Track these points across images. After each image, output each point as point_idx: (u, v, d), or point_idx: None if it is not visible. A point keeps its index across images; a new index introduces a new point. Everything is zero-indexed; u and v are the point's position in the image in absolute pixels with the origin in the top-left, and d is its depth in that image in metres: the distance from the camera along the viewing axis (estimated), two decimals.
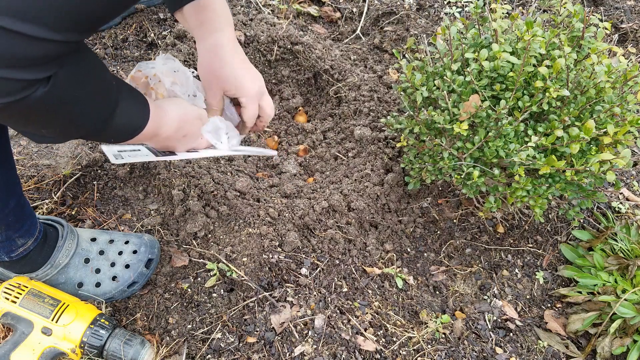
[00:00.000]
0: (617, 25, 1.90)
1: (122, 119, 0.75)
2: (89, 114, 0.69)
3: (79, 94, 0.65)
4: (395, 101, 1.59)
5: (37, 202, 1.28)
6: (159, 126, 0.84)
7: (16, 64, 0.52)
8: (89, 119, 0.69)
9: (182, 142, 0.95)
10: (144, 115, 0.80)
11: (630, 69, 1.05)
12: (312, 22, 1.94)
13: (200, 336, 1.11)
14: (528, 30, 1.03)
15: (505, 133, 1.05)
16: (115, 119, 0.73)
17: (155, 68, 0.96)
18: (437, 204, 1.41)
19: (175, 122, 0.88)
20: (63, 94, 0.62)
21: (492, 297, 1.28)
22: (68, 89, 0.62)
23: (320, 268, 1.24)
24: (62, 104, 0.63)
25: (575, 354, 1.18)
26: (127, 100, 0.76)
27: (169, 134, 0.88)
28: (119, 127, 0.75)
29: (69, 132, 0.71)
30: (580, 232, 1.39)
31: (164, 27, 1.75)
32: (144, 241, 1.18)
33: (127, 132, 0.78)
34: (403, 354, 1.13)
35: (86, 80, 0.66)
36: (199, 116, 0.96)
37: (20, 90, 0.55)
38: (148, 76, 0.95)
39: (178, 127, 0.89)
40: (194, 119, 0.94)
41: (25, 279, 1.07)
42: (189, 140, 0.95)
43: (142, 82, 0.96)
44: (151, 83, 0.95)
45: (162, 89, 0.96)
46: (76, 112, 0.66)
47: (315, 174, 1.52)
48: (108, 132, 0.74)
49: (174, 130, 0.89)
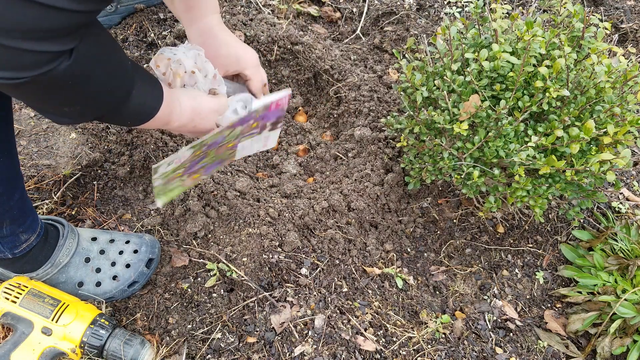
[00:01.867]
0: (617, 25, 1.90)
1: (139, 100, 0.76)
2: (109, 91, 0.70)
3: (99, 69, 0.66)
4: (395, 101, 1.59)
5: (37, 202, 1.28)
6: (170, 112, 0.85)
7: (40, 35, 0.53)
8: (109, 96, 0.71)
9: (193, 133, 0.95)
10: (158, 98, 0.81)
11: (630, 69, 1.05)
12: (312, 22, 1.94)
13: (200, 336, 1.11)
14: (528, 30, 1.03)
15: (505, 133, 1.05)
16: (132, 99, 0.74)
17: (177, 54, 0.96)
18: (437, 204, 1.41)
19: (188, 113, 0.89)
20: (85, 68, 0.63)
21: (492, 297, 1.28)
22: (89, 63, 0.63)
23: (320, 268, 1.24)
24: (84, 78, 0.63)
25: (575, 354, 1.18)
26: (143, 82, 0.77)
27: (180, 123, 0.89)
28: (136, 108, 0.76)
29: (90, 109, 0.71)
30: (580, 232, 1.39)
31: (164, 27, 1.75)
32: (145, 241, 1.18)
33: (142, 114, 0.79)
34: (403, 354, 1.13)
35: (105, 56, 0.67)
36: (216, 109, 0.95)
37: (45, 62, 0.56)
38: (170, 58, 0.95)
39: (190, 119, 0.90)
40: (209, 112, 0.94)
41: (25, 279, 1.07)
42: (199, 132, 0.96)
43: (164, 63, 0.95)
44: (172, 66, 0.95)
45: (180, 70, 0.95)
46: (97, 88, 0.68)
47: (315, 174, 1.52)
48: (125, 111, 0.75)
49: (185, 121, 0.89)
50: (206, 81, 0.98)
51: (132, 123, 0.80)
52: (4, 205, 0.93)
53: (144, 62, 1.71)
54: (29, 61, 0.55)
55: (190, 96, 0.91)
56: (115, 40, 0.72)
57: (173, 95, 0.86)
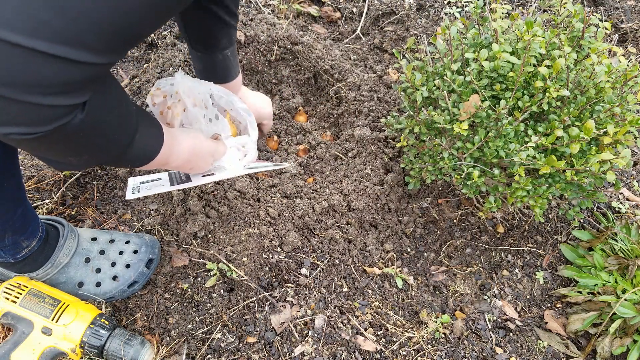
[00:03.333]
0: (617, 25, 1.90)
1: (141, 144, 0.75)
2: (116, 139, 0.69)
3: (108, 118, 0.64)
4: (395, 101, 1.59)
5: (37, 202, 1.28)
6: (170, 154, 0.84)
7: (59, 90, 0.52)
8: (115, 144, 0.69)
9: (189, 171, 0.96)
10: (159, 140, 0.80)
11: (630, 69, 1.05)
12: (312, 22, 1.94)
13: (200, 336, 1.11)
14: (528, 30, 1.03)
15: (505, 133, 1.05)
16: (134, 144, 0.73)
17: (174, 85, 0.96)
18: (437, 204, 1.41)
19: (186, 154, 0.89)
20: (96, 119, 0.61)
21: (492, 297, 1.28)
22: (100, 114, 0.62)
23: (320, 268, 1.24)
24: (95, 129, 0.62)
25: (575, 354, 1.18)
26: (145, 126, 0.76)
27: (178, 164, 0.89)
28: (138, 152, 0.75)
29: (97, 158, 0.70)
30: (580, 232, 1.39)
31: (164, 27, 1.75)
32: (145, 241, 1.18)
33: (144, 157, 0.78)
34: (403, 354, 1.13)
35: (114, 104, 0.66)
36: (212, 152, 0.97)
37: (62, 116, 0.55)
38: (167, 94, 0.95)
39: (187, 160, 0.90)
40: (206, 154, 0.95)
41: (26, 278, 1.07)
42: (196, 172, 0.97)
43: (160, 100, 0.95)
44: (169, 102, 0.95)
45: (179, 108, 0.95)
46: (106, 137, 0.66)
47: (315, 174, 1.52)
48: (128, 157, 0.74)
49: (183, 162, 0.90)
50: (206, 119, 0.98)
51: (133, 165, 0.80)
52: (8, 221, 0.93)
53: (144, 62, 1.71)
54: (46, 116, 0.53)
55: (190, 136, 0.91)
56: (121, 85, 0.71)
57: (172, 136, 0.86)
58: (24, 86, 0.49)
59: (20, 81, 0.48)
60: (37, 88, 0.50)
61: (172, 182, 1.05)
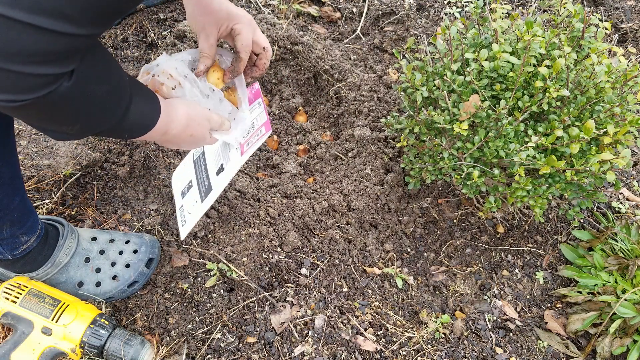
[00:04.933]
0: (617, 25, 1.90)
1: (137, 113, 0.76)
2: (108, 109, 0.70)
3: (99, 88, 0.66)
4: (395, 101, 1.59)
5: (37, 202, 1.28)
6: (168, 122, 0.85)
7: (40, 59, 0.53)
8: (109, 114, 0.71)
9: (189, 142, 0.96)
10: (155, 110, 0.81)
11: (630, 69, 1.05)
12: (312, 22, 1.94)
13: (200, 336, 1.11)
14: (528, 30, 1.03)
15: (505, 133, 1.05)
16: (130, 114, 0.74)
17: (159, 65, 0.97)
18: (437, 204, 1.41)
19: (184, 120, 0.90)
20: (85, 89, 0.63)
21: (492, 297, 1.28)
22: (89, 84, 0.63)
23: (320, 268, 1.24)
24: (84, 98, 0.64)
25: (575, 354, 1.18)
26: (140, 96, 0.78)
27: (177, 131, 0.89)
28: (135, 122, 0.77)
29: (90, 127, 0.71)
30: (580, 232, 1.39)
31: (164, 27, 1.75)
32: (145, 241, 1.18)
33: (141, 127, 0.80)
34: (403, 354, 1.13)
35: (105, 75, 0.67)
36: (208, 117, 0.97)
37: (46, 85, 0.56)
38: (155, 74, 0.95)
39: (186, 125, 0.91)
40: (202, 119, 0.96)
41: (25, 279, 1.07)
42: (195, 140, 0.96)
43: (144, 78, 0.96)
44: (161, 79, 0.96)
45: (172, 82, 0.96)
46: (97, 107, 0.68)
47: (315, 174, 1.52)
48: (124, 126, 0.75)
49: (182, 128, 0.90)
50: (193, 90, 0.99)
51: (130, 136, 0.81)
52: (5, 209, 0.93)
53: (144, 62, 1.71)
54: (30, 84, 0.55)
55: (184, 103, 0.92)
56: (112, 56, 0.72)
57: (168, 103, 0.87)
58: (5, 54, 0.50)
59: (1, 49, 0.50)
60: (18, 57, 0.51)
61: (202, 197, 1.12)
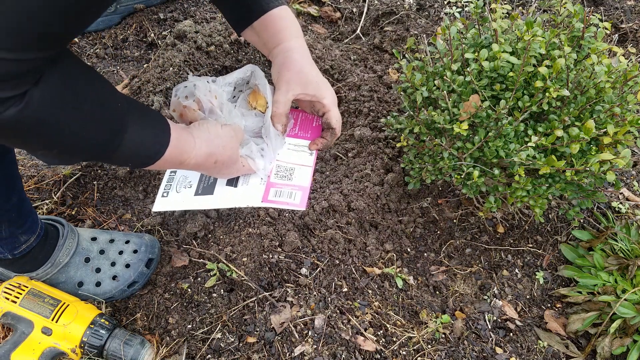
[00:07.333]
0: (617, 25, 1.90)
1: (134, 144, 0.71)
2: (84, 137, 0.65)
3: (63, 113, 0.61)
4: (395, 101, 1.59)
5: (37, 202, 1.28)
6: (182, 152, 0.80)
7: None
8: (90, 142, 0.66)
9: (217, 169, 0.90)
10: (160, 140, 0.76)
11: (630, 69, 1.05)
12: (312, 22, 1.94)
13: (200, 336, 1.11)
14: (528, 30, 1.03)
15: (505, 133, 1.05)
16: (125, 143, 0.69)
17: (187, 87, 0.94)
18: (437, 204, 1.41)
19: (204, 148, 0.83)
20: (41, 114, 0.58)
21: (492, 297, 1.28)
22: (47, 109, 0.58)
23: (320, 268, 1.24)
24: (41, 124, 0.59)
25: (575, 354, 1.19)
26: (139, 125, 0.72)
27: (197, 160, 0.83)
28: (133, 152, 0.72)
29: (71, 154, 0.67)
30: (580, 232, 1.39)
31: (164, 27, 1.75)
32: (145, 241, 1.18)
33: (143, 157, 0.75)
34: (403, 354, 1.13)
35: (71, 99, 0.62)
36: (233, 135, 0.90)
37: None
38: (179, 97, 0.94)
39: (208, 154, 0.84)
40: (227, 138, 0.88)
41: (25, 278, 1.07)
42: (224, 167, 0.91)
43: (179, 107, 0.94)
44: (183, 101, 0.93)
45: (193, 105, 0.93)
46: (68, 133, 0.62)
47: (314, 174, 1.52)
48: (120, 156, 0.71)
49: (203, 157, 0.84)
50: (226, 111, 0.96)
51: (133, 166, 0.76)
52: (1, 208, 0.92)
53: (144, 62, 1.71)
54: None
55: (205, 129, 0.84)
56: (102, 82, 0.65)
57: (184, 132, 0.80)
58: None
59: None
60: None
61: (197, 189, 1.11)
